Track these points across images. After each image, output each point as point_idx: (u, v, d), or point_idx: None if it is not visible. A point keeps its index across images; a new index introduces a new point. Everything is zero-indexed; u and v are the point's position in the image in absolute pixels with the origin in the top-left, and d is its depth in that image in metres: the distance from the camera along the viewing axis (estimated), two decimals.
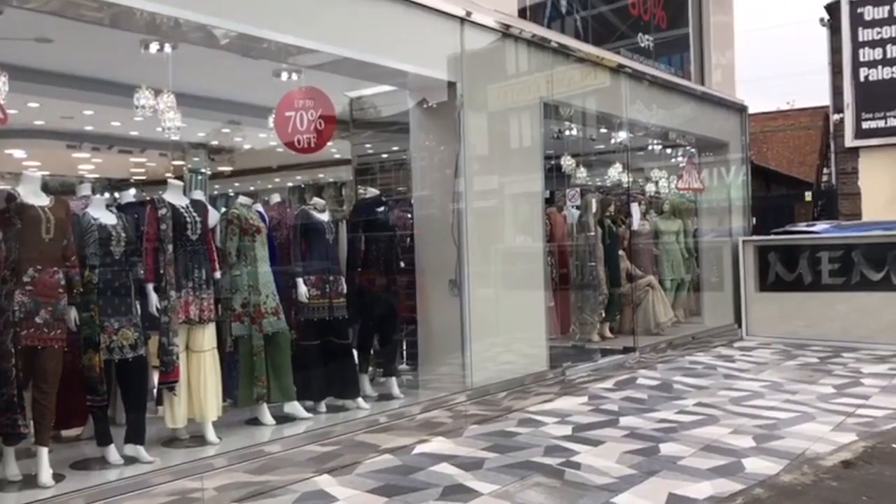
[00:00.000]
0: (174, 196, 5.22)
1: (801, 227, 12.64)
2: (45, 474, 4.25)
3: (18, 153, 8.30)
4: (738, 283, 11.22)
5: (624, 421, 6.33)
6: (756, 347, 10.34)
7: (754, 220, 12.18)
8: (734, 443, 5.58)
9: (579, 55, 8.36)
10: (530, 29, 7.62)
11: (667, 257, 10.83)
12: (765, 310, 11.03)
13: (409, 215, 7.12)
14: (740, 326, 11.16)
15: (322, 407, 6.00)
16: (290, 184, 11.54)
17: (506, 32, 7.26)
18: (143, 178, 10.29)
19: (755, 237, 11.55)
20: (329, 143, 6.37)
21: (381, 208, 6.68)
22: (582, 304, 9.53)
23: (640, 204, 10.76)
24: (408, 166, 7.35)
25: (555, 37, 8.05)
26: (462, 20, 6.70)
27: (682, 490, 4.59)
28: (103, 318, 4.70)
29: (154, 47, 5.96)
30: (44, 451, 4.31)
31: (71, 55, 6.48)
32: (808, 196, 18.08)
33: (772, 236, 11.59)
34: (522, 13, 8.02)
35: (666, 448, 5.48)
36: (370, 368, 6.71)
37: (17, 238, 4.34)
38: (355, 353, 6.39)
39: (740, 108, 11.99)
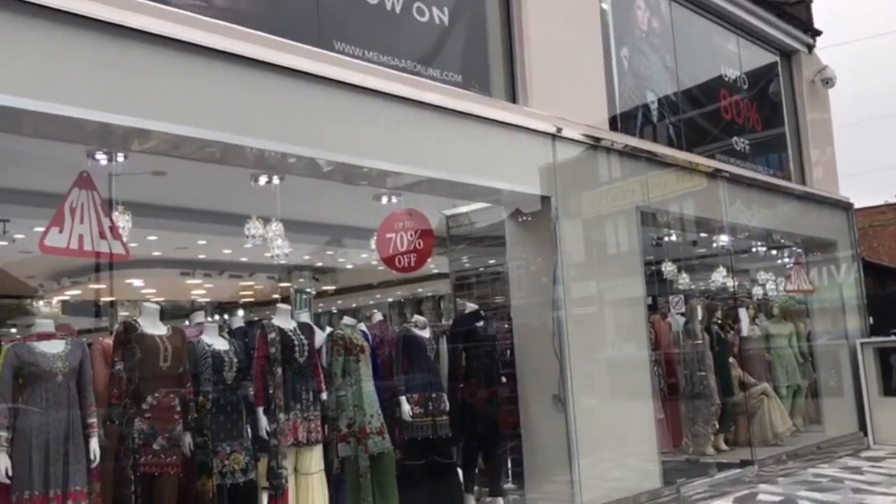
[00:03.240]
0: (282, 319, 5.39)
1: None
2: None
3: (137, 282, 8.78)
4: (859, 388, 10.58)
5: None
6: (886, 457, 9.62)
7: (871, 319, 11.58)
8: None
9: (673, 162, 8.35)
10: (621, 140, 7.70)
11: (780, 363, 10.34)
12: (891, 416, 10.30)
13: (508, 327, 7.10)
14: (866, 434, 10.45)
15: None
16: (390, 299, 11.76)
17: (597, 145, 7.35)
18: (252, 299, 10.69)
19: (874, 338, 10.94)
20: (428, 261, 6.52)
21: (481, 322, 6.71)
22: (693, 414, 9.15)
23: (748, 308, 10.41)
24: (504, 277, 7.39)
25: (646, 146, 8.10)
26: (553, 136, 6.84)
27: None
28: (216, 442, 4.83)
29: (263, 180, 6.31)
30: None
31: (186, 190, 6.91)
32: None
33: (892, 337, 10.96)
34: (613, 121, 8.13)
35: None
36: (475, 488, 6.57)
37: (136, 367, 4.56)
38: (460, 472, 6.29)
39: (846, 206, 11.61)
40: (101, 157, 5.12)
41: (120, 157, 5.23)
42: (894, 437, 10.20)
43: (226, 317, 9.26)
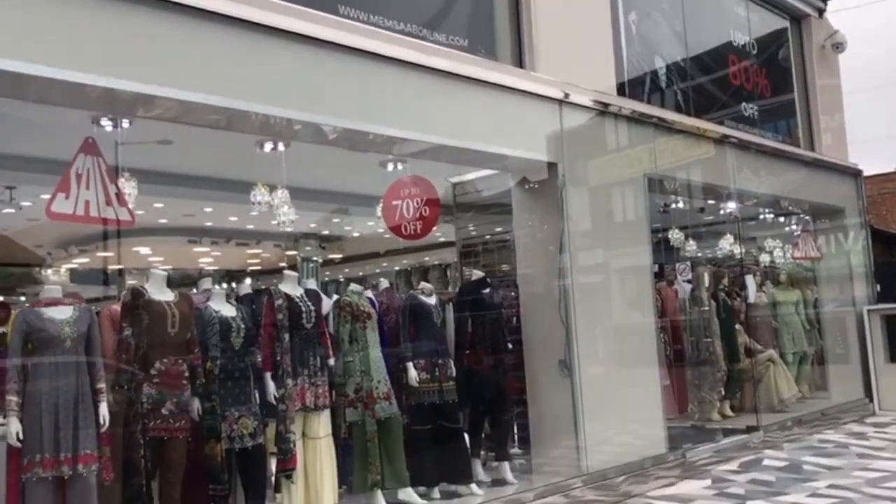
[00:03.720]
0: (289, 286, 5.40)
1: None
2: None
3: (144, 250, 8.81)
4: (865, 355, 10.60)
5: None
6: (891, 423, 9.66)
7: (878, 287, 11.56)
8: None
9: (681, 128, 8.29)
10: (629, 106, 7.64)
11: (787, 330, 10.36)
12: None
13: (514, 295, 7.11)
14: (871, 401, 10.48)
15: (436, 493, 5.95)
16: (396, 268, 11.78)
17: (604, 110, 7.30)
18: (259, 268, 10.73)
19: (881, 305, 10.93)
20: (434, 229, 6.51)
21: (487, 289, 6.71)
22: (699, 381, 9.19)
23: (755, 275, 10.40)
24: (511, 245, 7.39)
25: (654, 111, 8.04)
26: (560, 102, 6.79)
27: None
28: (224, 407, 4.86)
29: (268, 146, 6.29)
30: None
31: (192, 157, 6.90)
32: None
33: None
34: (621, 88, 8.07)
35: None
36: (482, 452, 6.63)
37: (144, 333, 4.58)
38: (466, 437, 6.34)
39: (854, 173, 11.54)
40: (107, 124, 5.11)
41: (125, 124, 5.22)
42: None
43: (233, 285, 9.29)
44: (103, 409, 4.27)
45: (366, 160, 6.59)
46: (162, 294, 4.72)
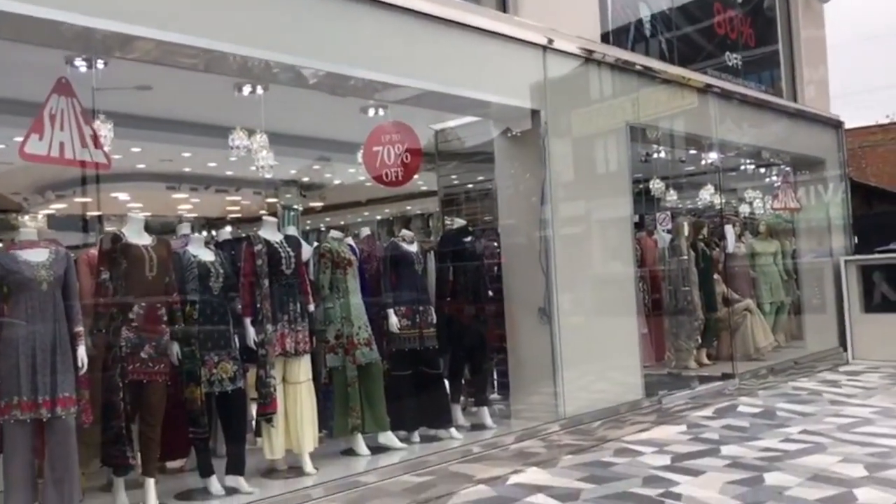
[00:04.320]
0: (269, 232, 5.37)
1: None
2: None
3: (122, 196, 8.71)
4: (841, 305, 10.76)
5: (725, 450, 6.12)
6: (863, 371, 9.86)
7: (856, 238, 11.70)
8: (844, 472, 5.32)
9: (665, 77, 8.24)
10: (613, 53, 7.57)
11: (764, 280, 10.49)
12: (871, 332, 10.52)
13: (496, 244, 7.13)
14: (845, 350, 10.68)
15: (415, 437, 6.02)
16: (378, 217, 11.74)
17: (588, 58, 7.23)
18: (239, 215, 10.65)
19: (858, 256, 11.07)
20: (416, 176, 6.47)
21: (468, 238, 6.71)
22: (677, 330, 9.30)
23: (734, 226, 10.48)
24: (493, 195, 7.37)
25: (639, 60, 7.97)
26: (544, 48, 6.71)
27: None
28: (203, 352, 4.86)
29: (247, 89, 6.19)
30: (151, 482, 4.50)
31: (169, 101, 6.78)
32: None
33: (876, 255, 11.09)
34: (605, 37, 7.99)
35: (771, 478, 5.26)
36: (462, 398, 6.70)
37: (122, 276, 4.55)
38: (446, 382, 6.40)
39: (836, 124, 11.57)
40: (81, 64, 4.99)
41: (100, 64, 5.11)
42: (873, 352, 10.43)
43: (213, 232, 9.23)
44: (81, 353, 4.23)
45: (346, 106, 6.51)
46: (139, 238, 4.68)
